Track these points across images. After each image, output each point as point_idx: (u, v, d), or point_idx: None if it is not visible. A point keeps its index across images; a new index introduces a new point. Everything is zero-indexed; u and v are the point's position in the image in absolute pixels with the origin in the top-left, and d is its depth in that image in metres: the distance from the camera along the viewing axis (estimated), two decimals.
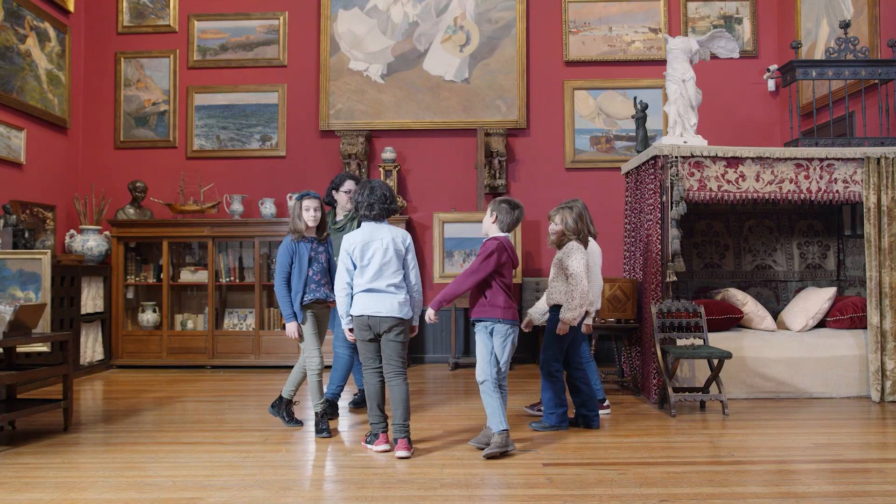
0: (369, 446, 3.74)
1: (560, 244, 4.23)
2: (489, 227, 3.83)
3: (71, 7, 7.04)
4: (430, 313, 3.73)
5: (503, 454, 3.55)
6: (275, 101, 7.33)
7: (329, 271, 4.20)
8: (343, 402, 4.89)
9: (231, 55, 7.37)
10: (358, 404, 4.83)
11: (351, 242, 3.76)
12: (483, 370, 3.68)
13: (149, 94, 7.38)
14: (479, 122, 7.16)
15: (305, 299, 4.08)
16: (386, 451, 3.66)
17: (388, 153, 7.04)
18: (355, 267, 3.74)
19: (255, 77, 7.37)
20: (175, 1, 7.38)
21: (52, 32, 6.73)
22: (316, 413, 4.08)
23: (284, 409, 4.32)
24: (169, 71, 7.36)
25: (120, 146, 7.35)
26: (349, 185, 4.77)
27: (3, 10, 6.04)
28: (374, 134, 7.27)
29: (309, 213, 4.10)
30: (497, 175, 7.07)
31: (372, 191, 3.79)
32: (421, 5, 7.31)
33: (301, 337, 4.11)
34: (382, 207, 3.80)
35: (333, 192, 4.83)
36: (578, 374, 4.26)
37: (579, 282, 4.04)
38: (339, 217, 4.84)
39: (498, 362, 3.69)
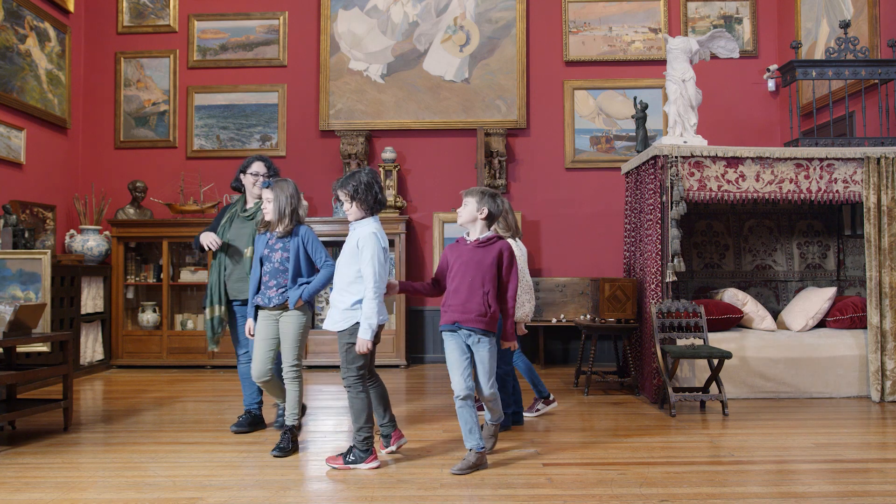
0: (360, 465, 3.36)
1: None
2: (474, 221, 3.39)
3: (71, 7, 7.04)
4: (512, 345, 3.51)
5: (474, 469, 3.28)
6: (275, 101, 7.33)
7: (287, 272, 3.65)
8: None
9: (231, 55, 7.36)
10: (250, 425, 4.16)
11: (383, 237, 3.40)
12: (465, 384, 3.30)
13: (149, 94, 7.38)
14: (479, 122, 7.15)
15: (254, 301, 3.74)
16: (378, 467, 3.39)
17: (388, 153, 7.04)
18: None
19: (255, 77, 7.37)
20: (175, 1, 7.38)
21: (52, 32, 6.73)
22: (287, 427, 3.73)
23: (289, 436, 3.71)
24: (169, 71, 7.36)
25: (120, 146, 7.35)
26: (257, 166, 4.19)
27: (3, 10, 6.04)
28: (374, 134, 7.28)
29: (264, 205, 3.71)
30: (497, 175, 7.07)
31: (377, 177, 3.42)
32: (421, 5, 7.31)
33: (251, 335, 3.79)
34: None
35: (241, 175, 4.22)
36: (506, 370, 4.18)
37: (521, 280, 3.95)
38: (250, 204, 4.24)
39: (487, 375, 3.36)
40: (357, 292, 3.35)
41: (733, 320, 5.49)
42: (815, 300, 5.59)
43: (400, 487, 3.08)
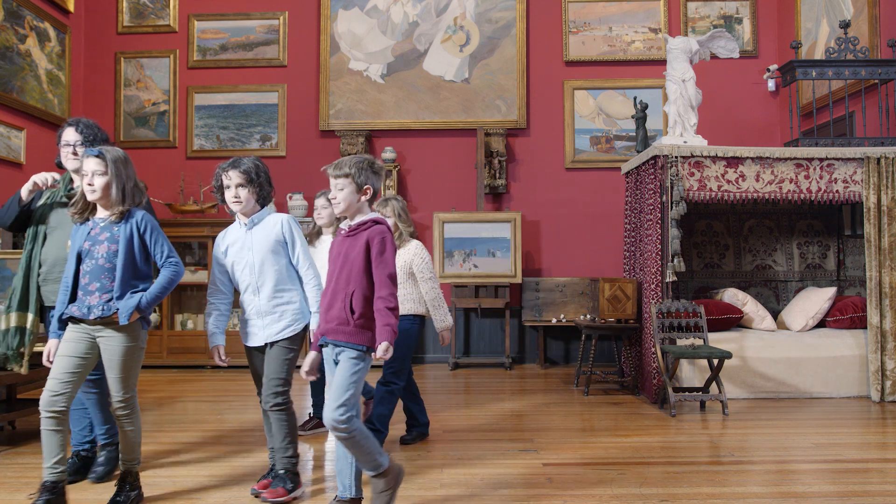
0: (296, 492, 2.99)
1: (398, 243, 3.72)
2: (353, 203, 2.70)
3: (71, 7, 7.04)
4: (383, 348, 2.52)
5: None
6: (275, 101, 7.33)
7: (115, 271, 2.72)
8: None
9: (231, 55, 7.36)
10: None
11: None
12: (352, 402, 2.54)
13: (149, 94, 7.38)
14: (479, 122, 7.16)
15: (66, 312, 2.75)
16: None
17: (388, 153, 7.04)
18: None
19: (255, 77, 7.37)
20: (175, 1, 7.38)
21: (52, 32, 6.73)
22: (44, 483, 2.66)
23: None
24: (169, 71, 7.36)
25: (120, 146, 7.34)
26: (69, 134, 3.21)
27: (3, 10, 6.04)
28: (374, 134, 7.28)
29: (83, 180, 2.75)
30: (497, 175, 7.07)
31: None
32: (421, 5, 7.31)
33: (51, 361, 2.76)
34: None
35: (59, 147, 3.24)
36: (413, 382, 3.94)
37: (437, 283, 3.80)
38: (77, 183, 3.18)
39: (336, 396, 2.53)
40: (296, 287, 3.02)
41: (733, 320, 5.49)
42: (815, 300, 5.59)
43: (400, 487, 3.08)
